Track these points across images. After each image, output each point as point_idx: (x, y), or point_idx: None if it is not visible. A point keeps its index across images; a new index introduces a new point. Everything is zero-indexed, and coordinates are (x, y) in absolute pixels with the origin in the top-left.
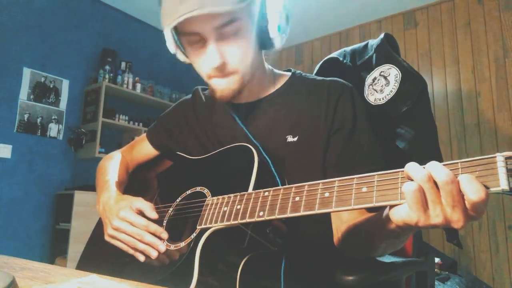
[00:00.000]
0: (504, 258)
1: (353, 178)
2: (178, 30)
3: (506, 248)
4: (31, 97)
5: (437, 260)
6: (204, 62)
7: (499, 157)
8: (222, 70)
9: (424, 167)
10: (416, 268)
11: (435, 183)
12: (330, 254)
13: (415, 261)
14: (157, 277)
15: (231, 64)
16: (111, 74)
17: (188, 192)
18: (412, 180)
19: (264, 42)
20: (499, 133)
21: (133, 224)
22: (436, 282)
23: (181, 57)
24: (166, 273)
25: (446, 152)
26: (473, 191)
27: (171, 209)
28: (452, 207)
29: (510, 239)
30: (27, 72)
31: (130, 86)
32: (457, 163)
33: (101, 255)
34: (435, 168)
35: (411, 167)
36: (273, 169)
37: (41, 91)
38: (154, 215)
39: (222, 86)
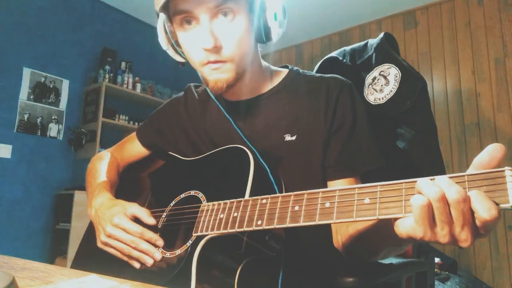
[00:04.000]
0: (504, 258)
1: (355, 188)
2: (170, 13)
3: (506, 248)
4: (31, 97)
5: (437, 260)
6: (197, 44)
7: (508, 171)
8: (216, 54)
9: (433, 179)
10: (416, 268)
11: (447, 202)
12: (329, 256)
13: (415, 261)
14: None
15: (226, 50)
16: (111, 74)
17: (182, 195)
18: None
19: (260, 34)
20: (499, 133)
21: (128, 231)
22: (436, 282)
23: (172, 53)
24: (162, 281)
25: (446, 152)
26: (485, 209)
27: (164, 214)
28: (462, 226)
29: (510, 239)
30: (27, 72)
31: (130, 86)
32: (464, 175)
33: (95, 257)
34: (445, 185)
35: (423, 184)
36: (270, 174)
37: (41, 91)
38: (151, 221)
39: (215, 74)
